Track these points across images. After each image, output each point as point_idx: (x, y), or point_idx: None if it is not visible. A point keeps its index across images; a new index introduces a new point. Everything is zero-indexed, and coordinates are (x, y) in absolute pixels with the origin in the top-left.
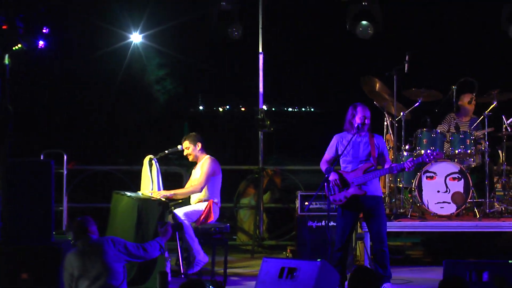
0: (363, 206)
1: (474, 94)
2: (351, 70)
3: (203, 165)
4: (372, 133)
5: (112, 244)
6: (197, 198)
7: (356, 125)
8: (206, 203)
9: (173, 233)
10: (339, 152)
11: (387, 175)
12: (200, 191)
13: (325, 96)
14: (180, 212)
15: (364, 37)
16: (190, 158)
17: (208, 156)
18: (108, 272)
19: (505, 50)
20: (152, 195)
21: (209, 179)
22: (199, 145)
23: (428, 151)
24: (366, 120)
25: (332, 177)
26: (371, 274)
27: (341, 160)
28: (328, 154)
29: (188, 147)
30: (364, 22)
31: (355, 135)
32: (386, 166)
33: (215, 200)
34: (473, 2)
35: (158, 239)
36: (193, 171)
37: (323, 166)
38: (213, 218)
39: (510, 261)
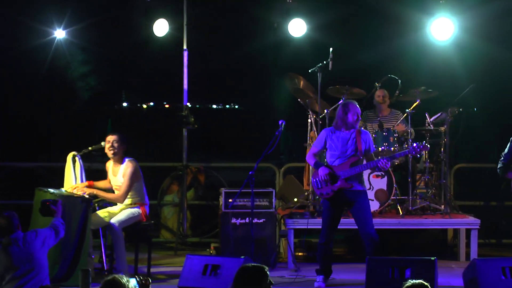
0: (348, 199)
1: (397, 91)
2: (276, 68)
3: (125, 173)
4: (359, 129)
5: (38, 236)
6: (126, 203)
7: (349, 122)
8: (137, 207)
9: (94, 230)
10: (327, 146)
11: (311, 172)
12: (122, 201)
13: (250, 94)
14: (115, 221)
15: (294, 34)
16: (111, 153)
17: (128, 160)
18: (35, 266)
19: (428, 50)
20: (75, 189)
21: (132, 186)
22: (124, 147)
23: (415, 144)
24: (358, 117)
25: (322, 171)
26: (259, 272)
27: (328, 154)
28: (316, 147)
29: (118, 143)
30: (294, 20)
31: (346, 131)
32: (371, 161)
33: (146, 203)
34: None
35: (57, 218)
36: (114, 170)
37: (310, 159)
38: (145, 219)
39: (432, 258)
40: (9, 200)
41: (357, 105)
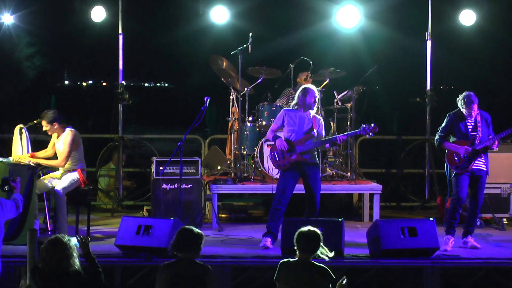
0: (303, 171)
1: (309, 72)
2: (202, 50)
3: (65, 141)
4: (315, 115)
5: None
6: (65, 169)
7: (307, 104)
8: (76, 172)
9: (40, 195)
10: (286, 123)
11: (233, 143)
12: (63, 166)
13: (179, 73)
14: (59, 187)
15: (218, 21)
16: (49, 133)
17: (69, 129)
18: None
19: (336, 35)
20: (20, 159)
21: (71, 153)
22: (56, 124)
23: (365, 125)
24: (315, 100)
25: (280, 142)
26: (193, 234)
27: (286, 129)
28: (276, 124)
29: (46, 126)
30: (217, 7)
31: (303, 112)
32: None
33: (83, 168)
34: None
35: (17, 194)
36: (56, 140)
37: (269, 134)
38: (83, 184)
39: (340, 219)
40: None
41: (316, 90)
